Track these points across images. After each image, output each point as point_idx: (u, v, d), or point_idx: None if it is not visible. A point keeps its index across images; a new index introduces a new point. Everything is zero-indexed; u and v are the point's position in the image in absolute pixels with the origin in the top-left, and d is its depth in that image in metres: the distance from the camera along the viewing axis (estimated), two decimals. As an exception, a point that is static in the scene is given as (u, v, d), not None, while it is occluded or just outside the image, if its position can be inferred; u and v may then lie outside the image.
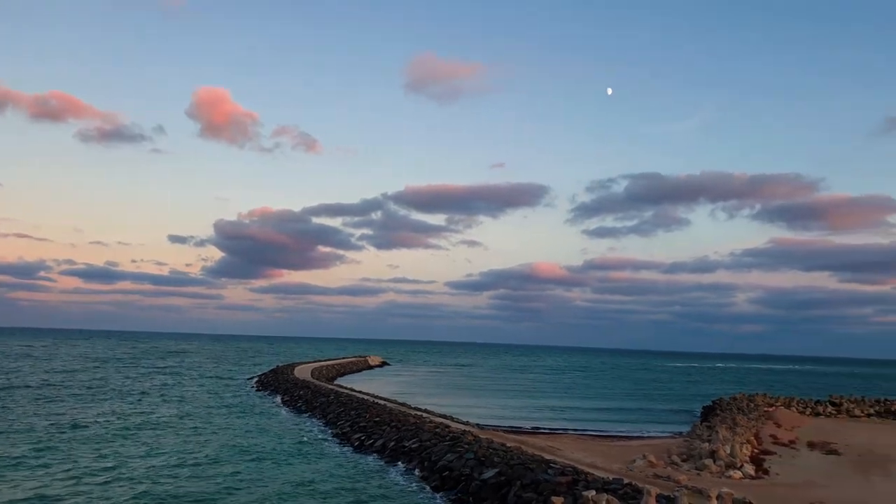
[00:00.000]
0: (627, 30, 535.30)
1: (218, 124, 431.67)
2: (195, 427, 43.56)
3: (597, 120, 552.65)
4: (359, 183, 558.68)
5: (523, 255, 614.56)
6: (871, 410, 75.30)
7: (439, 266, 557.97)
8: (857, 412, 72.42)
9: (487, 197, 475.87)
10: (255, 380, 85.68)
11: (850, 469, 35.06)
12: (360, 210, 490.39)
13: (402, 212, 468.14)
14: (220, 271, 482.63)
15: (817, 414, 67.87)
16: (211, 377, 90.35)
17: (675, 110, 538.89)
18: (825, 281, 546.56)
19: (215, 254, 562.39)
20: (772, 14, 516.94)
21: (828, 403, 75.67)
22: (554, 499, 20.96)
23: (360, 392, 63.11)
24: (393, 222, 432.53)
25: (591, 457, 33.35)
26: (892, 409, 79.16)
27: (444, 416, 46.33)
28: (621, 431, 50.62)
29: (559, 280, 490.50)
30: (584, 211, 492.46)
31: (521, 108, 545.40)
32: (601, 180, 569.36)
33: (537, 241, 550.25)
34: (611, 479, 25.25)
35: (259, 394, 69.73)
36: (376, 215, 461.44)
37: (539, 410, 65.76)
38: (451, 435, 35.59)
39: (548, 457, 30.39)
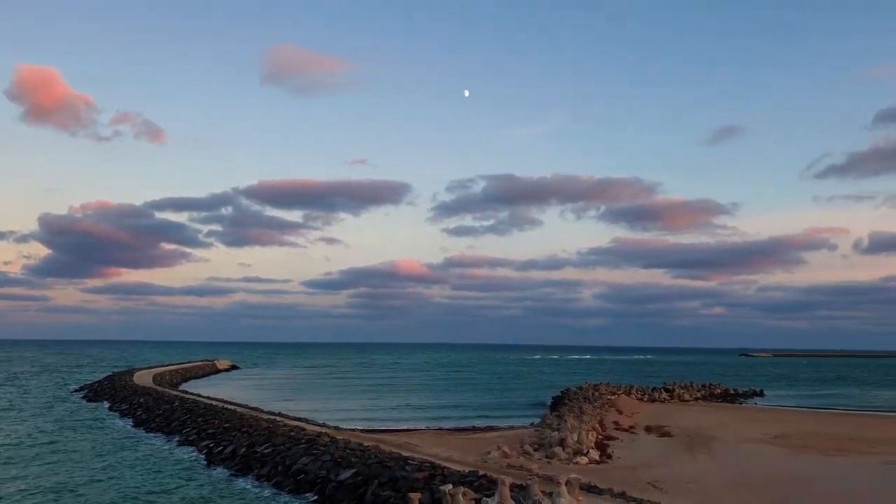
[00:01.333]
0: (483, 34, 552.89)
1: (45, 108, 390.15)
2: (17, 446, 38.88)
3: (457, 121, 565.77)
4: (208, 176, 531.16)
5: (385, 253, 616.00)
6: (698, 395, 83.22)
7: (295, 264, 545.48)
8: (686, 397, 79.62)
9: (348, 193, 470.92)
10: (88, 389, 78.38)
11: (681, 449, 38.21)
12: (209, 205, 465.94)
13: (256, 207, 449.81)
14: (46, 270, 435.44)
15: (653, 400, 73.67)
16: (36, 388, 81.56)
17: (528, 115, 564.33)
18: (660, 277, 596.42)
19: (40, 251, 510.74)
20: (615, 27, 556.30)
21: (662, 390, 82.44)
22: (411, 495, 20.78)
23: (207, 398, 59.67)
24: (245, 218, 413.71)
25: (448, 451, 33.69)
26: (715, 392, 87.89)
27: (300, 419, 44.90)
28: (478, 425, 51.76)
29: (420, 278, 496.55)
30: (445, 210, 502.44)
31: (382, 105, 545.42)
32: (461, 180, 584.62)
33: (399, 239, 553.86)
34: (467, 471, 25.58)
35: (92, 405, 63.82)
36: (226, 210, 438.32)
37: (399, 408, 65.82)
38: (306, 438, 34.48)
39: (406, 453, 30.26)
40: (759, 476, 29.82)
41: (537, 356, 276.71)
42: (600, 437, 40.90)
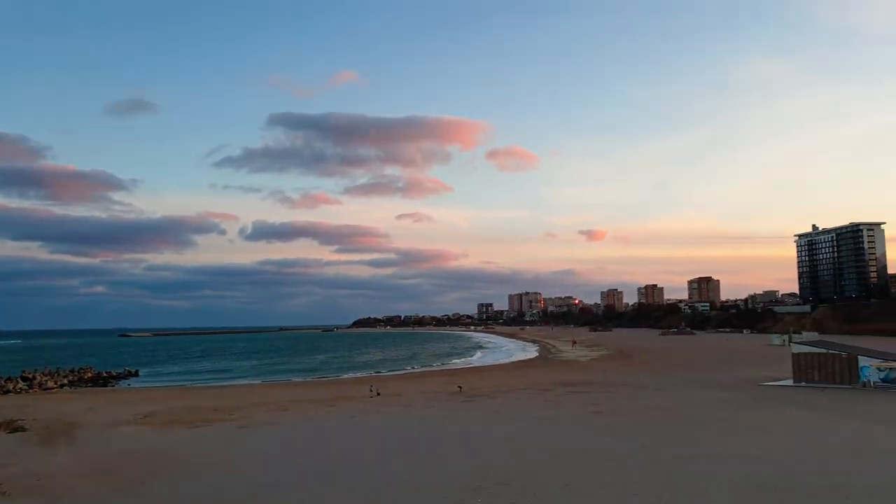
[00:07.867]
0: None
1: None
2: None
3: None
4: None
5: None
6: (65, 381, 76.91)
7: None
8: (50, 384, 72.44)
9: None
10: None
11: (36, 443, 34.04)
12: None
13: None
14: None
15: (7, 392, 64.45)
16: None
17: None
18: (37, 251, 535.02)
19: None
20: None
21: (19, 379, 73.11)
22: None
23: None
24: None
25: None
26: (86, 377, 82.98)
27: None
28: None
29: None
30: None
31: None
32: None
33: None
34: None
35: None
36: None
37: None
38: None
39: None
40: (123, 458, 28.65)
41: None
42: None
